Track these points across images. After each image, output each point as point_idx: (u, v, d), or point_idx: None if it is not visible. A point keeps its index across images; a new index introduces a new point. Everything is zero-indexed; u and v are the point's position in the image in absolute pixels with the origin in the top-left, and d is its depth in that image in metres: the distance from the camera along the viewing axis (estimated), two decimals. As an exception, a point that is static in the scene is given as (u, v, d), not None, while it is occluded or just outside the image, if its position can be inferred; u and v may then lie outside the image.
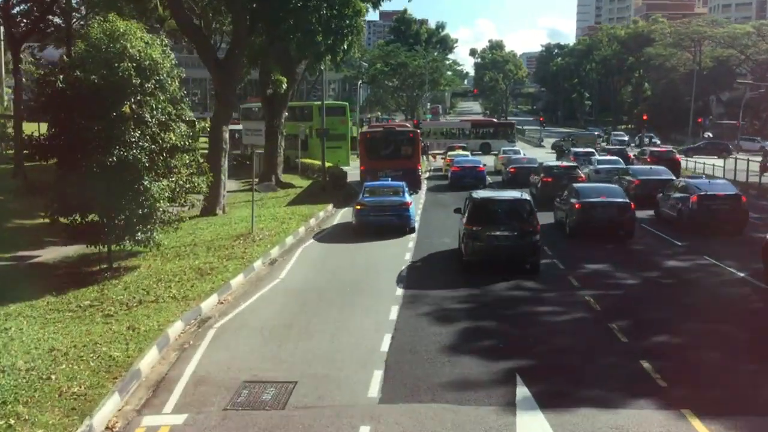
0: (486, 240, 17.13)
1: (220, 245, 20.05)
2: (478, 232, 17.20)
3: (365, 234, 22.80)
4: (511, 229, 17.22)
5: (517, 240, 17.10)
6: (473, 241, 17.23)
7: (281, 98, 37.25)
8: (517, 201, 18.33)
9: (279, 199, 32.67)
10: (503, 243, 17.11)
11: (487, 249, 17.16)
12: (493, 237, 17.17)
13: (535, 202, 19.15)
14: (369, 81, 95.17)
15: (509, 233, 17.17)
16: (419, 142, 37.65)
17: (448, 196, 33.75)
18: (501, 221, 17.56)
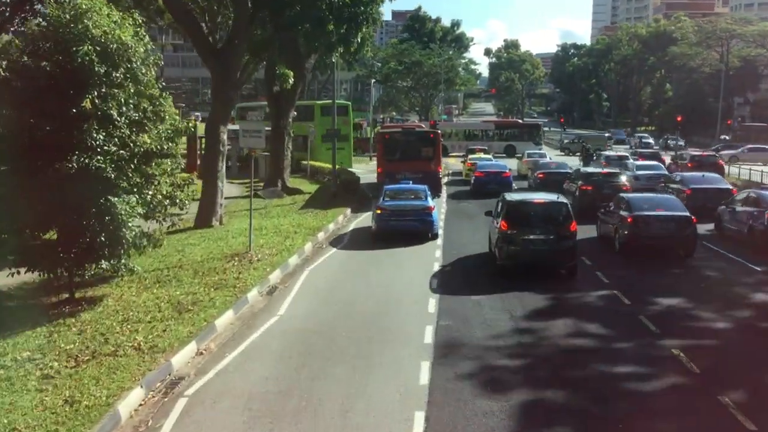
0: (521, 244, 16.55)
1: (210, 268, 16.83)
2: (513, 236, 16.56)
3: (385, 240, 21.42)
4: (548, 232, 16.61)
5: (554, 244, 16.51)
6: (508, 245, 16.59)
7: (288, 96, 34.07)
8: (553, 204, 17.57)
9: (285, 207, 29.47)
10: (540, 247, 16.59)
11: (522, 253, 16.60)
12: (529, 241, 16.60)
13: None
14: (382, 80, 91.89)
15: (546, 237, 16.59)
16: (440, 144, 34.60)
17: (473, 205, 30.44)
18: (537, 224, 16.93)
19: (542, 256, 16.68)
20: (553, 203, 17.62)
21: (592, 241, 21.47)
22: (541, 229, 16.71)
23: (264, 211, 27.92)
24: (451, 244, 21.51)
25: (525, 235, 16.59)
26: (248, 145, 19.05)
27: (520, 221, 16.87)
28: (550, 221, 17.00)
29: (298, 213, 27.37)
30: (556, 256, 16.69)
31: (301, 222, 24.57)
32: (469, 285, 16.15)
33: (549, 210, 17.46)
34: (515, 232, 16.55)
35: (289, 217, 26.27)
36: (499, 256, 16.94)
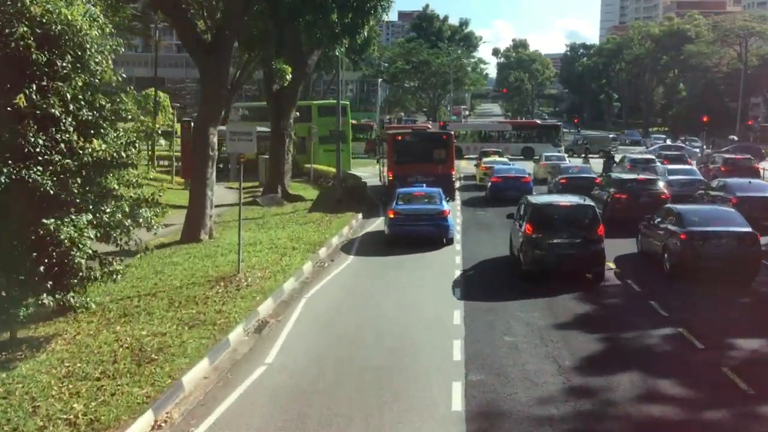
0: (547, 248, 16.11)
1: (189, 296, 14.13)
2: (538, 240, 16.16)
3: (396, 248, 20.50)
4: (575, 236, 16.26)
5: (581, 248, 16.11)
6: (533, 249, 16.20)
7: (289, 95, 31.40)
8: (579, 207, 17.29)
9: (284, 216, 26.78)
10: (566, 251, 16.10)
11: (548, 258, 16.10)
12: (555, 245, 16.17)
13: None
14: (389, 80, 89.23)
15: (572, 241, 16.20)
16: (453, 146, 32.10)
17: (490, 214, 27.73)
18: (563, 228, 16.55)
19: (569, 260, 16.06)
20: (579, 206, 17.22)
21: (633, 259, 18.74)
22: (567, 233, 16.28)
23: (261, 222, 25.25)
24: (475, 265, 18.76)
25: (551, 238, 16.16)
26: (236, 150, 16.38)
27: (546, 225, 16.47)
28: (576, 224, 16.59)
29: (298, 224, 24.66)
30: (583, 261, 16.15)
31: (300, 235, 21.86)
32: (499, 317, 13.44)
33: (575, 213, 17.08)
34: (540, 235, 16.11)
35: (288, 228, 23.56)
36: (524, 261, 16.42)
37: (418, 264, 18.96)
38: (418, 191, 23.20)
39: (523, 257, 16.47)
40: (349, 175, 35.41)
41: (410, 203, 21.79)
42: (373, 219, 27.31)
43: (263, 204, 29.87)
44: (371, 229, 25.09)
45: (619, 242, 19.35)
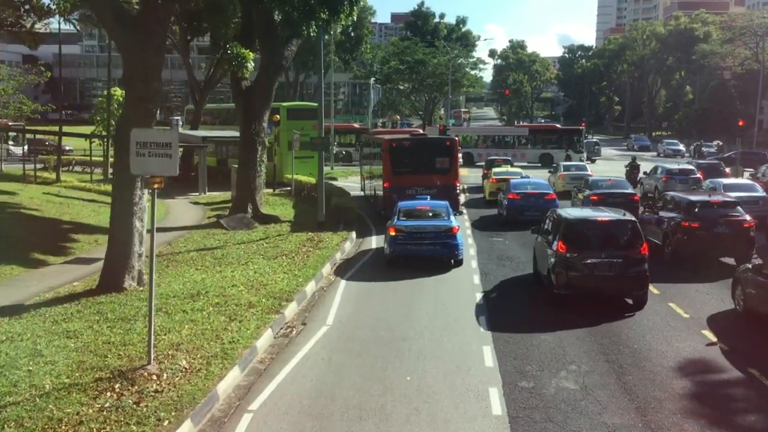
0: (584, 269, 14.48)
1: (48, 422, 8.43)
2: (574, 260, 14.52)
3: (399, 273, 17.91)
4: (615, 256, 14.54)
5: (622, 270, 14.43)
6: (567, 271, 14.54)
7: (262, 93, 25.78)
8: (620, 222, 15.43)
9: (251, 245, 21.15)
10: (606, 273, 14.47)
11: (585, 280, 14.53)
12: (593, 266, 14.48)
13: None
14: (382, 81, 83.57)
15: (612, 261, 14.45)
16: (457, 153, 26.80)
17: (510, 242, 22.26)
18: (601, 247, 14.83)
19: (608, 283, 14.65)
20: (619, 221, 15.43)
21: (729, 318, 13.26)
22: (606, 252, 14.65)
23: (219, 254, 19.58)
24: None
25: (587, 258, 14.57)
26: (145, 171, 10.59)
27: (582, 243, 14.89)
28: (616, 242, 15.01)
29: (266, 257, 19.03)
30: (624, 284, 14.72)
31: (265, 278, 16.21)
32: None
33: (615, 229, 15.33)
34: (576, 255, 14.56)
35: (251, 265, 17.91)
36: (556, 283, 14.80)
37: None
38: (422, 205, 20.55)
39: (555, 279, 14.72)
40: (337, 192, 29.75)
41: (414, 219, 19.23)
42: (362, 239, 21.91)
43: (228, 227, 24.22)
44: (360, 260, 19.59)
45: (690, 286, 15.15)
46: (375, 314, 14.15)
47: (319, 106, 24.51)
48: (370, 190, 31.72)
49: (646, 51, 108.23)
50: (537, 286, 16.51)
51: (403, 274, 17.98)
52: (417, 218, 19.32)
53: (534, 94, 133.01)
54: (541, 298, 15.53)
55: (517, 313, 14.61)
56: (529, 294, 16.34)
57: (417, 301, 15.30)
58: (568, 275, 14.52)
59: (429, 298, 15.63)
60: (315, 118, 38.58)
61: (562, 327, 13.25)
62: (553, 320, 13.77)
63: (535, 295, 16.04)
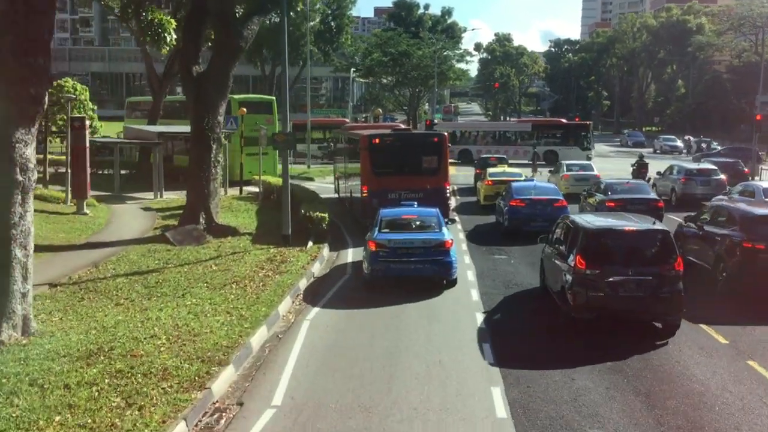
0: (607, 289, 12.04)
1: None
2: (595, 278, 12.08)
3: (380, 300, 14.45)
4: (644, 272, 12.10)
5: (653, 289, 12.01)
6: (587, 290, 12.09)
7: (217, 81, 21.59)
8: (650, 233, 12.79)
9: (197, 266, 17.03)
10: (633, 293, 12.06)
11: (608, 301, 12.07)
12: (618, 284, 12.04)
13: None
14: (364, 74, 79.36)
15: (642, 279, 12.04)
16: (446, 151, 22.83)
17: (517, 260, 18.31)
18: (628, 262, 12.37)
19: (636, 305, 12.17)
20: (649, 232, 12.93)
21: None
22: (634, 269, 12.20)
23: (154, 280, 15.51)
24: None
25: (612, 276, 12.09)
26: None
27: (605, 257, 12.43)
28: (646, 257, 12.58)
29: (210, 286, 14.92)
30: (655, 306, 12.15)
31: (197, 324, 12.09)
32: None
33: (644, 241, 12.89)
34: (597, 272, 12.09)
35: (188, 299, 13.82)
36: (573, 305, 12.29)
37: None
38: (408, 213, 17.18)
39: (572, 300, 12.45)
40: (305, 194, 25.62)
41: (398, 230, 16.14)
42: (337, 253, 17.85)
43: (174, 241, 20.06)
44: (332, 283, 15.51)
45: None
46: (345, 382, 10.08)
47: (282, 98, 20.30)
48: (345, 192, 27.71)
49: (636, 44, 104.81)
50: (549, 308, 13.34)
51: (385, 300, 14.37)
52: (402, 230, 16.21)
53: (521, 89, 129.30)
54: (560, 329, 12.66)
55: (546, 389, 10.61)
56: (556, 351, 12.38)
57: (404, 355, 11.24)
58: (588, 296, 12.17)
59: (419, 347, 11.60)
60: (268, 111, 35.73)
61: (583, 361, 10.87)
62: (574, 355, 11.27)
63: (556, 332, 12.34)
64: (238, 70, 22.72)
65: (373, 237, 15.76)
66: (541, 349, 11.67)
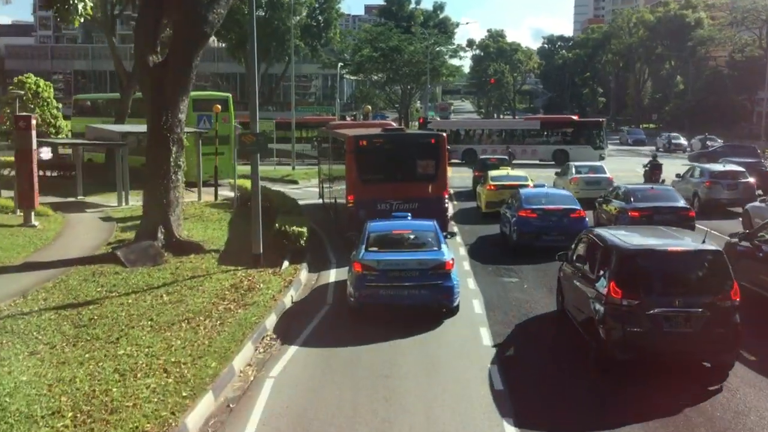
0: (649, 324, 9.79)
1: None
2: (633, 310, 9.85)
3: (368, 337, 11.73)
4: (694, 304, 9.82)
5: (706, 324, 9.78)
6: (624, 325, 9.87)
7: (177, 72, 18.53)
8: (701, 255, 10.39)
9: (143, 297, 14.01)
10: (681, 329, 9.82)
11: (651, 339, 9.79)
12: (663, 318, 9.81)
13: None
14: (354, 70, 76.32)
15: (691, 312, 9.80)
16: (445, 154, 19.76)
17: (531, 283, 15.38)
18: (674, 290, 10.05)
19: (684, 343, 9.79)
20: (698, 253, 10.37)
21: None
22: (681, 299, 9.84)
23: (88, 316, 12.56)
24: None
25: (654, 307, 9.77)
26: None
27: (645, 284, 10.09)
28: (696, 284, 10.24)
29: (155, 326, 11.92)
30: (707, 344, 9.80)
31: (121, 392, 9.06)
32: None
33: (693, 264, 10.38)
34: (637, 303, 9.81)
35: (122, 346, 10.87)
36: (606, 342, 9.94)
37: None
38: (401, 228, 14.50)
39: (605, 335, 10.03)
40: (282, 201, 22.57)
41: (389, 249, 13.52)
42: (318, 274, 14.92)
43: (127, 261, 17.00)
44: (309, 316, 12.52)
45: None
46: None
47: (251, 94, 17.08)
48: (330, 198, 24.75)
49: (633, 39, 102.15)
50: (574, 344, 11.02)
51: (373, 336, 11.73)
52: (394, 248, 13.59)
53: (515, 86, 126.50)
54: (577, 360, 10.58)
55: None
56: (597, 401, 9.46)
57: None
58: (624, 332, 9.94)
59: (418, 426, 8.61)
60: (225, 109, 32.87)
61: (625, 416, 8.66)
62: (615, 410, 9.04)
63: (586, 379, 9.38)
64: (224, 68, 19.95)
65: (359, 257, 13.04)
66: (575, 409, 8.82)
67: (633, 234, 11.65)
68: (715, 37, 76.84)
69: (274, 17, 60.78)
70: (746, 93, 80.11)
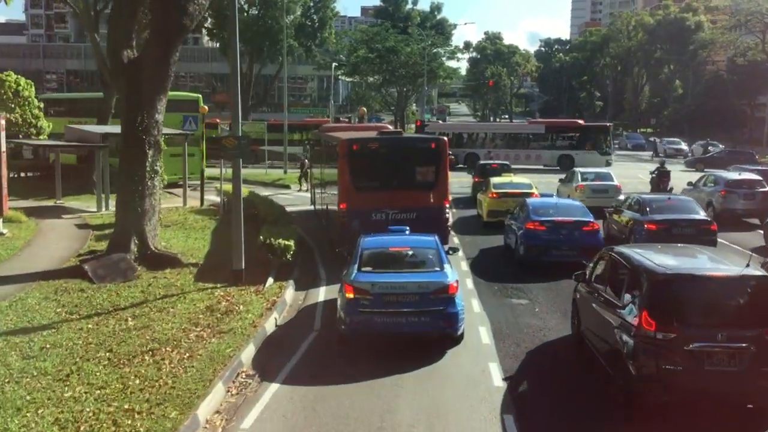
0: (688, 361, 8.40)
1: None
2: (669, 344, 8.46)
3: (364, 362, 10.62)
4: (740, 338, 8.44)
5: (753, 361, 8.38)
6: (658, 362, 8.46)
7: (154, 69, 16.93)
8: (745, 280, 8.89)
9: (106, 321, 12.47)
10: (725, 367, 8.43)
11: (690, 378, 8.40)
12: (704, 355, 8.41)
13: None
14: (350, 71, 74.77)
15: (736, 347, 8.42)
16: (447, 160, 18.03)
17: (543, 305, 13.81)
18: (716, 322, 8.66)
19: (729, 383, 8.40)
20: (743, 279, 8.80)
21: None
22: (725, 332, 8.39)
23: (39, 344, 11.04)
24: None
25: (694, 341, 8.37)
26: None
27: (683, 314, 8.65)
28: (739, 315, 8.78)
29: (114, 358, 10.33)
30: (754, 384, 8.40)
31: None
32: None
33: (737, 292, 8.86)
34: (674, 336, 8.39)
35: (71, 385, 9.29)
36: (637, 380, 8.58)
37: None
38: (398, 244, 12.72)
39: (636, 373, 8.55)
40: (269, 209, 20.96)
41: (385, 269, 11.83)
42: (306, 293, 13.37)
43: (95, 277, 15.40)
44: (294, 345, 10.93)
45: None
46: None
47: (233, 94, 15.40)
48: (322, 205, 23.17)
49: (632, 43, 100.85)
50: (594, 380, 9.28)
51: (366, 373, 10.24)
52: (390, 268, 11.91)
53: (513, 88, 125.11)
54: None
55: None
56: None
57: None
58: (659, 369, 8.55)
59: None
60: (194, 110, 31.76)
61: None
62: None
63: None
64: (218, 68, 18.33)
65: (350, 278, 11.38)
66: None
67: (665, 255, 10.15)
68: (717, 41, 75.43)
69: (267, 15, 59.11)
70: (746, 98, 78.87)
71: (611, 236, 19.29)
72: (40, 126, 34.60)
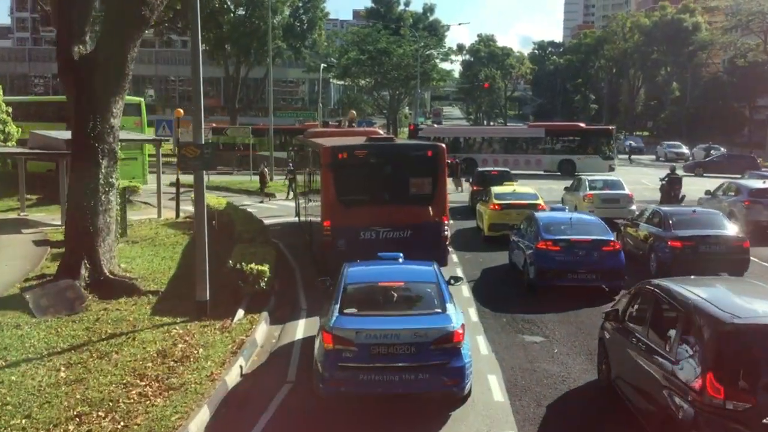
0: None
1: None
2: (743, 417, 6.60)
3: None
4: None
5: None
6: None
7: (108, 67, 14.71)
8: None
9: (36, 369, 10.30)
10: None
11: None
12: None
13: None
14: (340, 74, 72.63)
15: None
16: (445, 170, 15.74)
17: (562, 346, 11.55)
18: None
19: None
20: None
21: None
22: None
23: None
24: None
25: None
26: None
27: (758, 378, 6.68)
28: None
29: (32, 428, 8.02)
30: None
31: None
32: None
33: None
34: (749, 406, 6.58)
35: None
36: None
37: None
38: (390, 278, 10.17)
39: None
40: (246, 226, 18.69)
41: (373, 309, 9.45)
42: (282, 327, 11.17)
43: (35, 308, 13.16)
44: (259, 409, 8.72)
45: None
46: None
47: (195, 94, 13.11)
48: (306, 217, 20.97)
49: (628, 44, 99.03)
50: None
51: None
52: (380, 309, 9.55)
53: (507, 91, 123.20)
54: None
55: None
56: None
57: None
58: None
59: None
60: (137, 113, 31.23)
61: None
62: None
63: None
64: (205, 71, 16.00)
65: (330, 324, 8.99)
66: None
67: (725, 295, 8.03)
68: (716, 42, 73.66)
69: (254, 16, 56.94)
70: (745, 100, 77.23)
71: (627, 252, 17.16)
72: (8, 132, 32.35)
